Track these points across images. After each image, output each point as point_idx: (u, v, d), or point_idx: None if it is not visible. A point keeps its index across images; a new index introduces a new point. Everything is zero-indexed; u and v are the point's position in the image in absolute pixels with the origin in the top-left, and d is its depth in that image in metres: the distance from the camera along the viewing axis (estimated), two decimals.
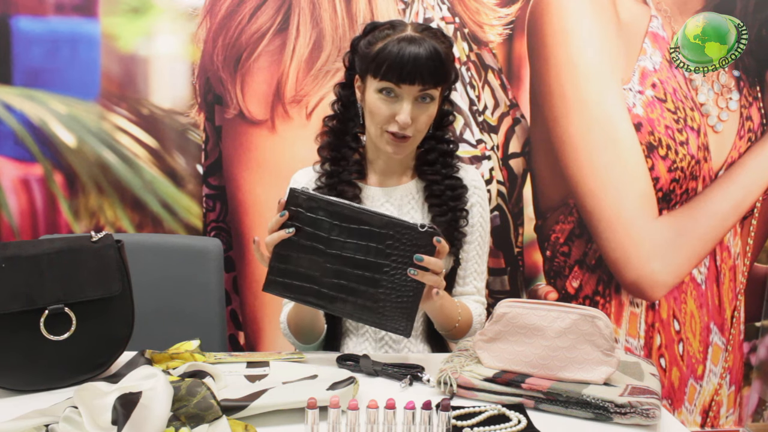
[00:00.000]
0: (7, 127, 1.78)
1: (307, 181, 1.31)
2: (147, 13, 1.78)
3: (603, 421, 0.91)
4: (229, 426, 0.82)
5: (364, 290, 1.02)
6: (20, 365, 0.96)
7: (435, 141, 1.29)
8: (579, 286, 2.00)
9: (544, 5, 1.88)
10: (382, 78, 1.15)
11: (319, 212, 1.00)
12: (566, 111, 1.91)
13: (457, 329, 1.23)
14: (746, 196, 2.01)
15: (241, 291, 1.90)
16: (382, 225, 0.99)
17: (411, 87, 1.15)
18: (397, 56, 1.13)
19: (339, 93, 1.29)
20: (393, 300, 1.02)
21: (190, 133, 1.84)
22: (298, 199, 1.00)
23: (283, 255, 1.02)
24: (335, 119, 1.29)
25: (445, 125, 1.30)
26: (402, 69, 1.13)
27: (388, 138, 1.20)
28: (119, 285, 1.02)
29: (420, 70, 1.13)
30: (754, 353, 2.11)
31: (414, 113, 1.17)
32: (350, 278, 1.01)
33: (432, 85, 1.16)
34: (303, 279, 1.03)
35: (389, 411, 0.83)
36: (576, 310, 0.96)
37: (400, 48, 1.13)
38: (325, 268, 1.02)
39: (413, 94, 1.16)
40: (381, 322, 1.03)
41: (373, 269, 1.01)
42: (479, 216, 1.32)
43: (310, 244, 1.01)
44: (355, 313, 1.04)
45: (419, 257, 0.99)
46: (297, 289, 1.03)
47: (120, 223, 1.84)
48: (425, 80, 1.14)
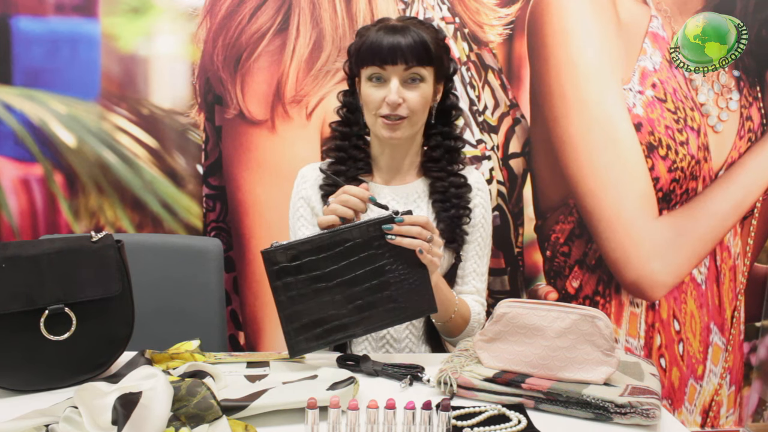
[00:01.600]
0: (7, 127, 1.78)
1: (315, 176, 1.32)
2: (147, 13, 1.78)
3: (603, 421, 0.91)
4: (229, 426, 0.82)
5: (379, 297, 1.04)
6: (20, 365, 0.96)
7: (442, 137, 1.30)
8: (579, 286, 2.00)
9: (544, 5, 1.88)
10: (367, 64, 1.20)
11: (302, 257, 1.01)
12: (566, 111, 1.91)
13: (453, 321, 1.23)
14: (746, 196, 2.01)
15: (241, 291, 1.90)
16: (361, 233, 1.02)
17: (395, 67, 1.19)
18: (377, 40, 1.19)
19: (343, 100, 1.32)
20: (406, 290, 1.04)
21: (190, 133, 1.84)
22: (276, 255, 1.01)
23: (291, 314, 1.03)
24: (341, 124, 1.32)
25: (451, 120, 1.31)
26: (382, 50, 1.18)
27: (382, 122, 1.22)
28: (119, 285, 1.02)
29: (401, 48, 1.18)
30: (754, 353, 2.11)
31: (403, 93, 1.20)
32: (362, 295, 1.04)
33: (416, 63, 1.19)
34: (321, 323, 1.04)
35: (389, 411, 0.83)
36: (576, 310, 0.96)
37: (379, 35, 1.20)
38: (335, 301, 1.03)
39: (399, 74, 1.20)
40: (408, 314, 1.07)
41: (377, 275, 1.03)
42: (481, 217, 1.33)
43: (310, 290, 1.02)
44: (384, 322, 1.06)
45: (388, 226, 1.02)
46: (321, 336, 1.04)
47: (120, 223, 1.84)
48: (407, 59, 1.18)
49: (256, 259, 1.86)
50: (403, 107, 1.20)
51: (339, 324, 1.04)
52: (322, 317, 1.03)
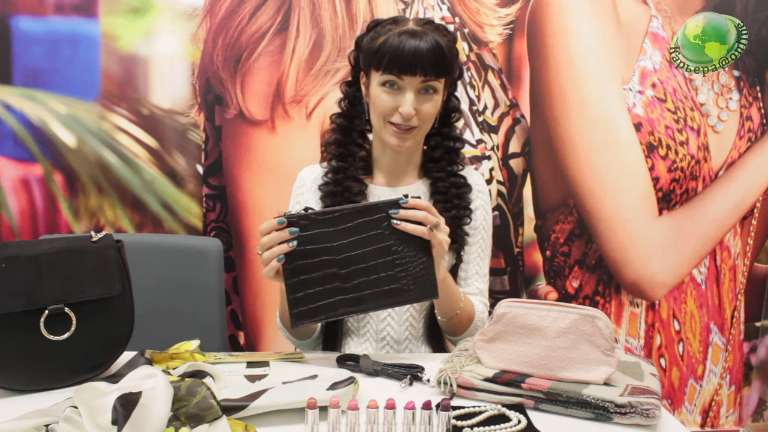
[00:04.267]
0: (7, 127, 1.78)
1: (313, 178, 1.31)
2: (147, 13, 1.78)
3: (603, 421, 0.91)
4: (229, 426, 0.82)
5: (384, 276, 1.05)
6: (20, 365, 0.96)
7: (441, 138, 1.29)
8: (579, 286, 2.00)
9: (544, 5, 1.88)
10: (385, 71, 1.17)
11: (312, 227, 1.02)
12: (566, 111, 1.91)
13: (458, 318, 1.23)
14: (746, 196, 2.01)
15: (241, 291, 1.90)
16: (370, 211, 1.03)
17: (413, 78, 1.16)
18: (398, 48, 1.15)
19: (345, 90, 1.30)
20: (411, 272, 1.05)
21: (190, 133, 1.84)
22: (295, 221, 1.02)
23: (296, 283, 1.03)
24: (342, 116, 1.30)
25: (451, 122, 1.31)
26: (403, 60, 1.15)
27: (391, 130, 1.21)
28: (119, 285, 1.02)
29: (421, 61, 1.15)
30: (754, 353, 2.11)
31: (417, 104, 1.18)
32: (368, 273, 1.04)
33: (434, 76, 1.17)
34: (325, 296, 1.04)
35: (389, 411, 0.83)
36: (576, 310, 0.96)
37: (401, 41, 1.15)
38: (340, 275, 1.04)
39: (415, 86, 1.17)
40: (410, 297, 1.07)
41: (383, 254, 1.04)
42: (482, 219, 1.33)
43: (317, 261, 1.03)
44: (386, 301, 1.06)
45: (394, 211, 1.03)
46: (324, 309, 1.04)
47: (120, 223, 1.84)
48: (427, 71, 1.16)
49: (256, 259, 1.86)
50: (415, 118, 1.19)
51: (343, 299, 1.04)
52: (327, 289, 1.04)
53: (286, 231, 1.01)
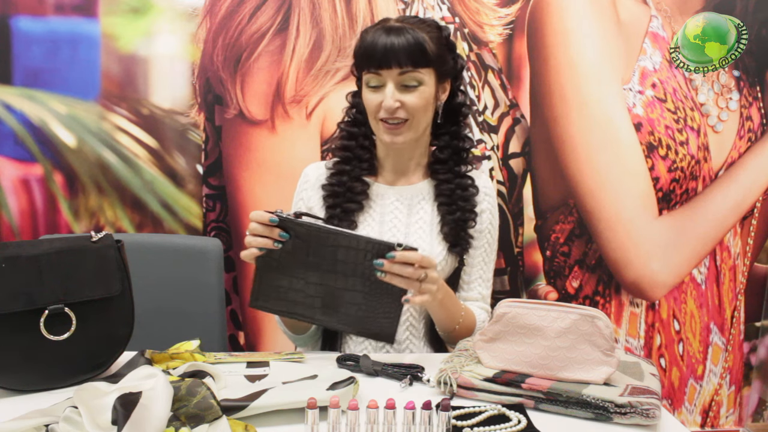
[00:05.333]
0: (7, 127, 1.78)
1: (317, 176, 1.31)
2: (147, 13, 1.78)
3: (603, 421, 0.91)
4: (229, 426, 0.82)
5: (350, 299, 1.06)
6: (20, 365, 0.96)
7: (450, 137, 1.29)
8: (579, 286, 2.00)
9: (544, 5, 1.88)
10: (364, 69, 1.20)
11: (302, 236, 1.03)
12: (566, 111, 1.91)
13: (456, 332, 1.23)
14: (746, 196, 2.01)
15: (241, 291, 1.90)
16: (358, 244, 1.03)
17: (390, 71, 1.17)
18: (372, 43, 1.17)
19: (352, 101, 1.31)
20: (376, 311, 1.07)
21: (190, 133, 1.84)
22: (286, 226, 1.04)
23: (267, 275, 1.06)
24: (350, 125, 1.31)
25: (459, 119, 1.29)
26: (375, 54, 1.16)
27: (383, 127, 1.22)
28: (119, 285, 1.02)
29: (394, 52, 1.16)
30: (754, 353, 2.11)
31: (400, 97, 1.18)
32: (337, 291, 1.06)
33: (411, 66, 1.17)
34: (289, 294, 1.07)
35: (389, 411, 0.83)
36: (576, 310, 0.96)
37: (374, 37, 1.18)
38: (309, 282, 1.06)
39: (394, 78, 1.18)
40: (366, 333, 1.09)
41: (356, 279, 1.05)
42: (488, 222, 1.32)
43: (292, 266, 1.05)
44: (344, 323, 1.08)
45: (378, 262, 1.03)
46: (282, 305, 1.08)
47: (120, 223, 1.84)
48: (402, 62, 1.16)
49: None
50: (402, 110, 1.19)
51: (302, 303, 1.07)
52: (294, 289, 1.06)
53: (275, 232, 1.03)
